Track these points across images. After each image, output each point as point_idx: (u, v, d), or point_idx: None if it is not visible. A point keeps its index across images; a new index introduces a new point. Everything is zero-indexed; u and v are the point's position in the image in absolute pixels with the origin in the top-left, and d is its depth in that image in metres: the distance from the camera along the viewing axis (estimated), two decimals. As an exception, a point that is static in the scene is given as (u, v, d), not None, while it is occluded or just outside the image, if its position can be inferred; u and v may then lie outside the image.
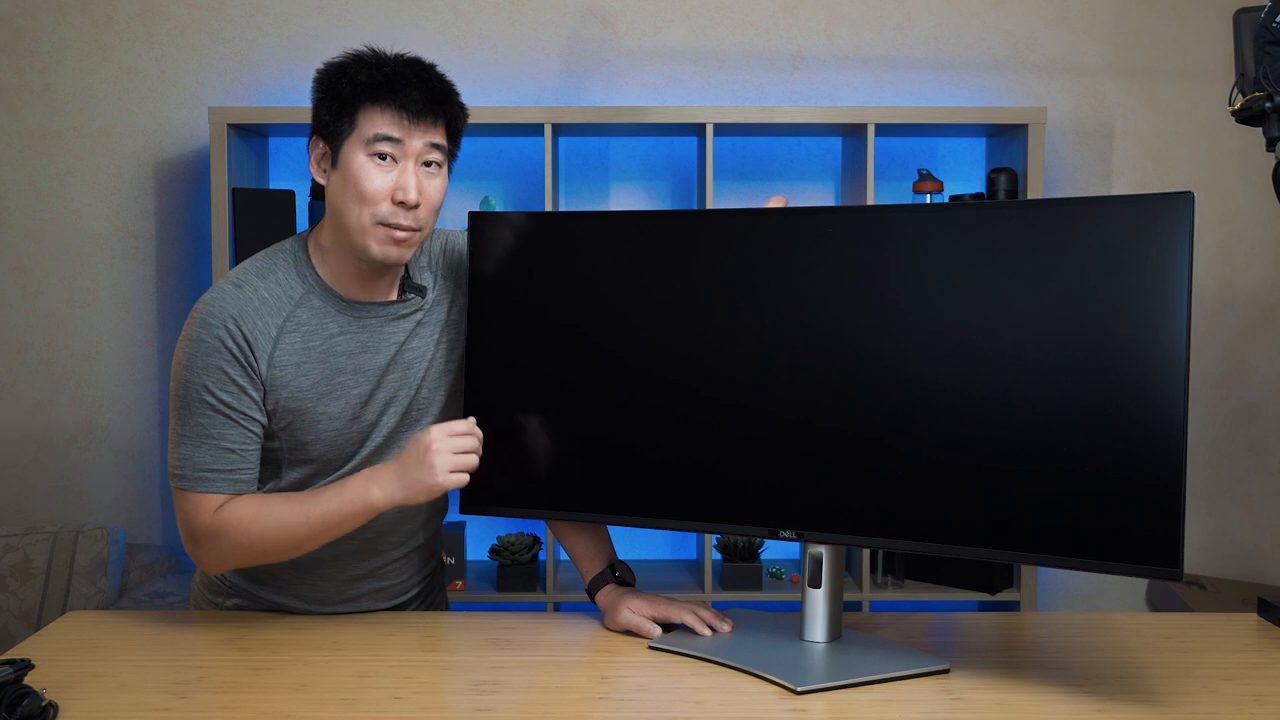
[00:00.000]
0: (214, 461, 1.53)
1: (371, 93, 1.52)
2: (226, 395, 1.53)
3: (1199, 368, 3.18)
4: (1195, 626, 1.66)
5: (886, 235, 1.45)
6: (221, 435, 1.53)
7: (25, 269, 3.11)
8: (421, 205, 1.54)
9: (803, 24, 3.14)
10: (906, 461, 1.43)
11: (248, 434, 1.55)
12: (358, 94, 1.52)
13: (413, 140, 1.53)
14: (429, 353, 1.66)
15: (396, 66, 1.54)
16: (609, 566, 1.70)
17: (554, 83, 3.12)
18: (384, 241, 1.54)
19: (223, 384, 1.53)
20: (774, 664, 1.45)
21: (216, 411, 1.53)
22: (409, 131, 1.52)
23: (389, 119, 1.52)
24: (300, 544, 1.54)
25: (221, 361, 1.52)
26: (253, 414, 1.55)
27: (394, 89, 1.52)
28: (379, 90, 1.52)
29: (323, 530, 1.53)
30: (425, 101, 1.53)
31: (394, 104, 1.52)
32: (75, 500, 3.15)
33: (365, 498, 1.51)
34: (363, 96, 1.52)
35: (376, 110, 1.52)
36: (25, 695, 1.25)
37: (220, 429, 1.53)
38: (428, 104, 1.53)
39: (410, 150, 1.53)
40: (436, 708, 1.35)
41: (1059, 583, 3.24)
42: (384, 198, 1.52)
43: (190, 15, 3.09)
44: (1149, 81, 3.16)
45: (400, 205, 1.52)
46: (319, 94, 1.56)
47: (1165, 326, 1.30)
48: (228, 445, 1.54)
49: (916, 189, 2.94)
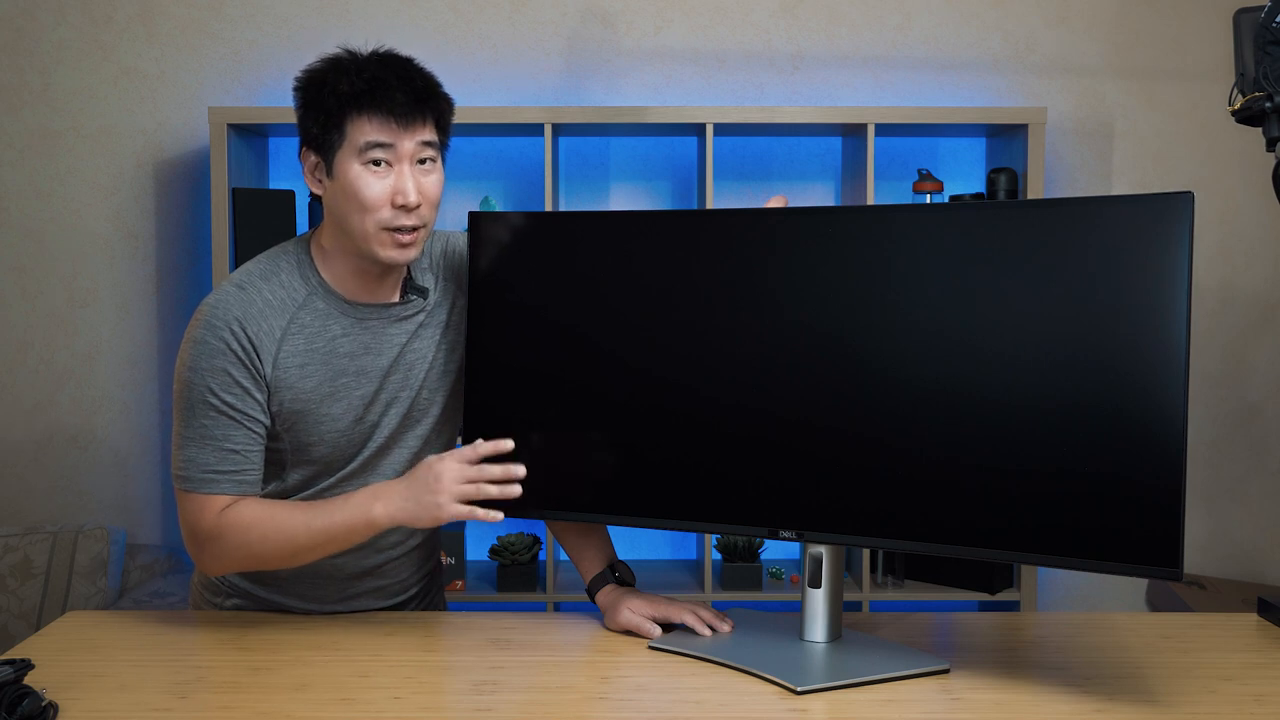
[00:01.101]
0: (218, 463, 1.53)
1: (356, 101, 1.51)
2: (230, 397, 1.53)
3: (1199, 368, 3.18)
4: (1195, 626, 1.66)
5: (886, 235, 1.45)
6: (225, 436, 1.53)
7: (25, 269, 3.11)
8: (422, 204, 1.54)
9: (803, 24, 3.14)
10: (906, 461, 1.43)
11: (251, 435, 1.55)
12: (342, 104, 1.51)
13: (403, 142, 1.52)
14: (430, 354, 1.66)
15: (377, 70, 1.52)
16: (609, 566, 1.70)
17: (554, 83, 3.12)
18: (391, 246, 1.54)
19: (226, 385, 1.53)
20: (774, 664, 1.45)
21: (220, 413, 1.53)
22: (399, 135, 1.52)
23: (377, 125, 1.51)
24: (299, 553, 1.54)
25: (225, 363, 1.52)
26: (256, 415, 1.55)
27: (378, 95, 1.51)
28: (363, 98, 1.51)
29: (324, 542, 1.53)
30: (411, 103, 1.52)
31: (380, 110, 1.51)
32: (75, 500, 3.15)
33: (368, 514, 1.51)
34: (348, 106, 1.51)
35: (364, 119, 1.51)
36: (25, 695, 1.25)
37: (224, 430, 1.53)
38: (414, 104, 1.53)
39: (403, 152, 1.53)
40: (436, 708, 1.35)
41: (1059, 583, 3.24)
42: (384, 203, 1.52)
43: (190, 15, 3.09)
44: (1149, 81, 3.16)
45: (401, 208, 1.52)
46: (302, 105, 1.55)
47: (1165, 326, 1.30)
48: (231, 446, 1.54)
49: (916, 189, 2.94)
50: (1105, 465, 1.33)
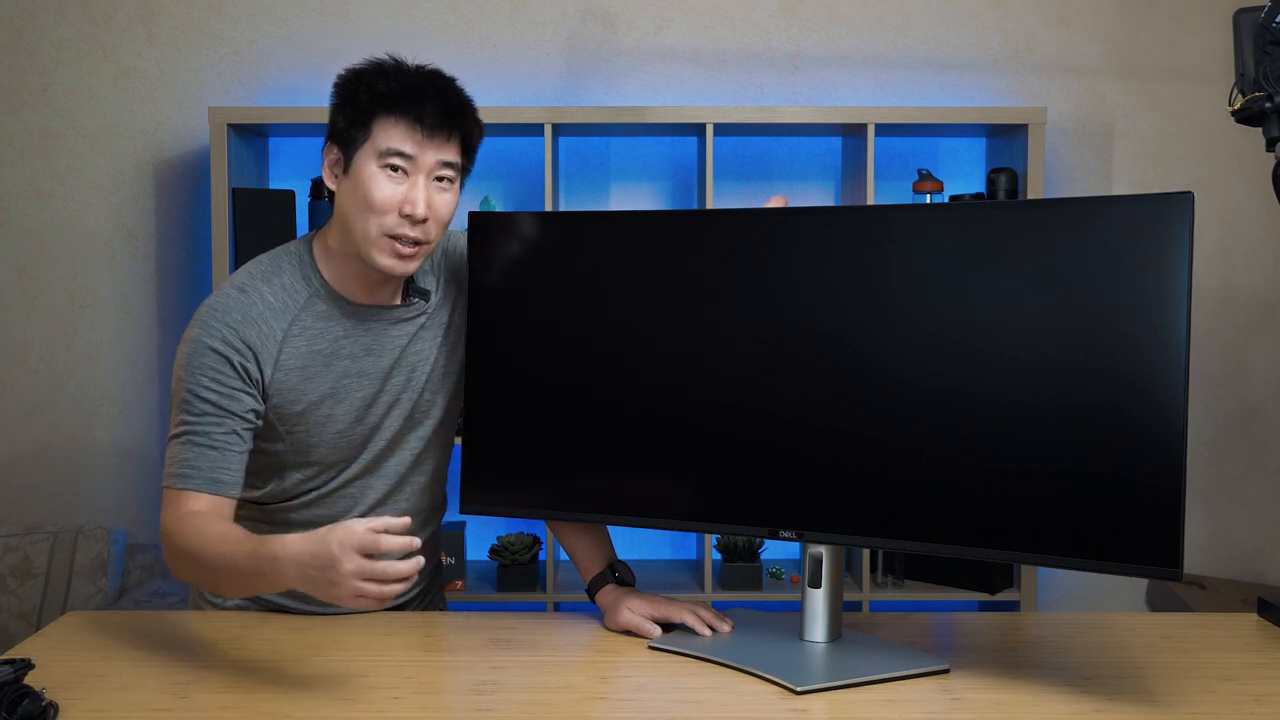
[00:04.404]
0: (195, 459, 1.51)
1: (387, 103, 1.51)
2: (215, 395, 1.52)
3: (1199, 368, 3.18)
4: (1195, 626, 1.66)
5: (886, 235, 1.45)
6: (205, 433, 1.52)
7: (25, 269, 3.11)
8: (430, 220, 1.53)
9: (803, 24, 3.14)
10: (906, 461, 1.43)
11: (234, 436, 1.53)
12: (373, 103, 1.51)
13: (425, 155, 1.52)
14: (431, 355, 1.66)
15: (414, 78, 1.52)
16: (609, 566, 1.70)
17: (554, 83, 3.12)
18: (389, 254, 1.53)
19: (214, 384, 1.52)
20: (774, 664, 1.45)
21: (204, 412, 1.52)
22: (422, 146, 1.51)
23: (403, 131, 1.51)
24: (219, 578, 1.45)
25: (216, 363, 1.52)
26: (243, 416, 1.54)
27: (410, 101, 1.51)
28: (394, 101, 1.51)
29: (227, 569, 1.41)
30: (440, 115, 1.52)
31: (409, 116, 1.50)
32: (75, 500, 3.15)
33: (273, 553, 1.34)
34: (378, 106, 1.51)
35: (390, 121, 1.51)
36: (25, 695, 1.25)
37: (205, 427, 1.52)
38: (442, 118, 1.52)
39: (423, 165, 1.52)
40: (436, 708, 1.35)
41: (1059, 583, 3.24)
42: (392, 209, 1.51)
43: (190, 15, 3.09)
44: (1149, 81, 3.16)
45: (408, 218, 1.52)
46: (336, 99, 1.56)
47: (1165, 326, 1.30)
48: (210, 443, 1.52)
49: (916, 189, 2.94)
50: (1105, 465, 1.33)
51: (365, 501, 1.66)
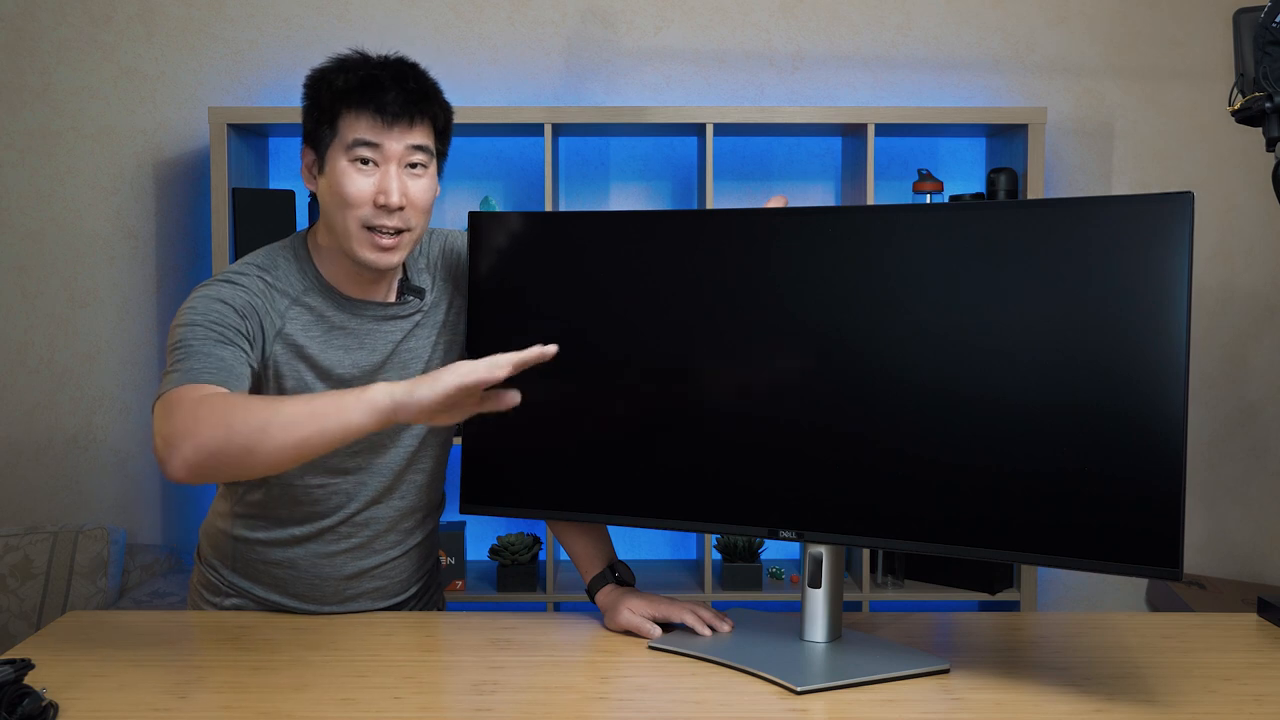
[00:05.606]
0: (203, 369, 1.42)
1: (348, 97, 1.52)
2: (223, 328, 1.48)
3: (1199, 368, 3.18)
4: (1195, 626, 1.66)
5: (886, 235, 1.45)
6: (211, 352, 1.45)
7: (25, 269, 3.11)
8: (407, 207, 1.54)
9: (803, 24, 3.14)
10: (906, 461, 1.43)
11: (240, 354, 1.48)
12: (335, 99, 1.53)
13: (391, 143, 1.52)
14: (426, 353, 1.66)
15: (374, 69, 1.53)
16: (609, 567, 1.70)
17: (554, 83, 3.12)
18: (370, 247, 1.54)
19: (217, 323, 1.48)
20: (774, 664, 1.45)
21: (209, 337, 1.46)
22: (386, 134, 1.52)
23: (365, 123, 1.52)
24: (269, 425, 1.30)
25: (221, 309, 1.50)
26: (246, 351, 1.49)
27: (369, 92, 1.52)
28: (354, 94, 1.52)
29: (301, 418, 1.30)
30: (402, 104, 1.52)
31: (369, 107, 1.51)
32: (75, 500, 3.15)
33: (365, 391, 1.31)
34: (340, 102, 1.52)
35: (353, 115, 1.52)
36: (25, 695, 1.25)
37: (212, 347, 1.45)
38: (404, 106, 1.53)
39: (390, 153, 1.53)
40: (436, 708, 1.35)
41: (1059, 583, 3.24)
42: (367, 201, 1.52)
43: (190, 15, 3.09)
44: (1149, 81, 3.16)
45: (383, 209, 1.52)
46: (305, 101, 1.58)
47: (1165, 326, 1.30)
48: (219, 356, 1.44)
49: (916, 189, 2.94)
50: (1105, 465, 1.33)
51: (360, 498, 1.66)
